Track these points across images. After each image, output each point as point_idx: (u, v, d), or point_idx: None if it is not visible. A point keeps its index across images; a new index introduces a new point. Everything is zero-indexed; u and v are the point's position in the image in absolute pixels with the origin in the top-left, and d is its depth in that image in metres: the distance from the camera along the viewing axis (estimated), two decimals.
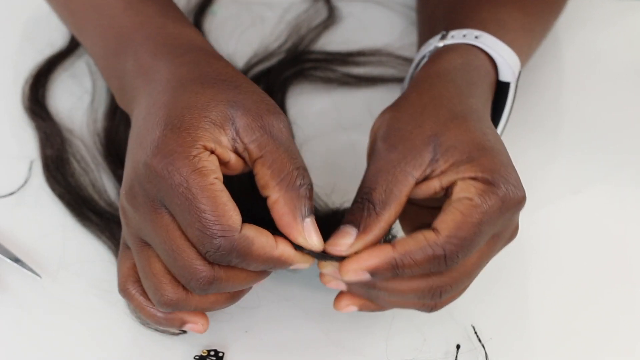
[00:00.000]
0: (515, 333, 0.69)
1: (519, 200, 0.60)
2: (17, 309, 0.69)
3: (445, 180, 0.60)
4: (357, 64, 0.86)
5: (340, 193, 0.75)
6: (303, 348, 0.68)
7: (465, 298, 0.64)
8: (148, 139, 0.59)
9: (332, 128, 0.81)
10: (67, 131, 0.80)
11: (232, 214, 0.57)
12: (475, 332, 0.69)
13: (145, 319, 0.64)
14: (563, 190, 0.76)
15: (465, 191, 0.59)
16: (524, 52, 0.73)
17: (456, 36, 0.70)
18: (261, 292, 0.70)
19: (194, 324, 0.63)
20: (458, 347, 0.68)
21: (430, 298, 0.61)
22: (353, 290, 0.62)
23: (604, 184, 0.78)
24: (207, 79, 0.62)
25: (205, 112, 0.59)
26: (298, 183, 0.59)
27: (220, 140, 0.59)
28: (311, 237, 0.59)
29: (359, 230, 0.59)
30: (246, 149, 0.60)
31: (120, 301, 0.68)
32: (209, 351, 0.67)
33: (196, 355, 0.67)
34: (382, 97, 0.83)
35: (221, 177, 0.58)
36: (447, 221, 0.58)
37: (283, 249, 0.59)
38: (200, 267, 0.58)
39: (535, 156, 0.76)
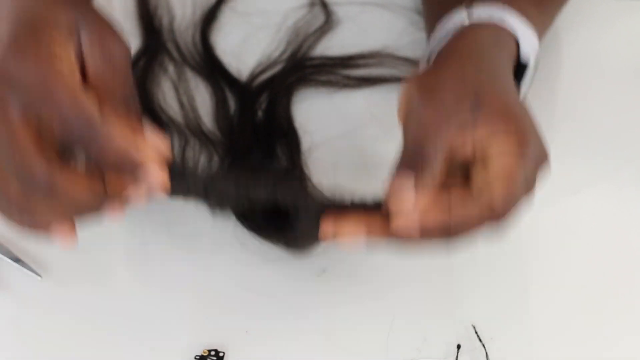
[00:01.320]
0: (516, 333, 0.69)
1: (545, 156, 0.63)
2: (17, 309, 0.69)
3: (478, 133, 0.62)
4: (357, 66, 0.86)
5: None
6: (303, 348, 0.68)
7: (466, 298, 0.64)
8: None
9: (337, 130, 0.81)
10: None
11: (91, 104, 0.56)
12: (476, 332, 0.69)
13: None
14: (563, 190, 0.76)
15: (502, 145, 0.61)
16: (540, 34, 0.74)
17: (482, 15, 0.71)
18: (261, 293, 0.70)
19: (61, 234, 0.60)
20: (458, 347, 0.68)
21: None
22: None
23: (604, 184, 0.78)
24: None
25: (57, 18, 0.58)
26: (133, 104, 0.59)
27: (69, 51, 0.58)
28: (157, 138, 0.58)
29: (416, 185, 0.60)
30: (85, 67, 0.59)
31: (120, 301, 0.68)
32: (209, 351, 0.67)
33: (196, 355, 0.67)
34: (384, 97, 0.83)
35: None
36: (494, 175, 0.60)
37: (143, 147, 0.57)
38: (39, 168, 0.56)
39: None
